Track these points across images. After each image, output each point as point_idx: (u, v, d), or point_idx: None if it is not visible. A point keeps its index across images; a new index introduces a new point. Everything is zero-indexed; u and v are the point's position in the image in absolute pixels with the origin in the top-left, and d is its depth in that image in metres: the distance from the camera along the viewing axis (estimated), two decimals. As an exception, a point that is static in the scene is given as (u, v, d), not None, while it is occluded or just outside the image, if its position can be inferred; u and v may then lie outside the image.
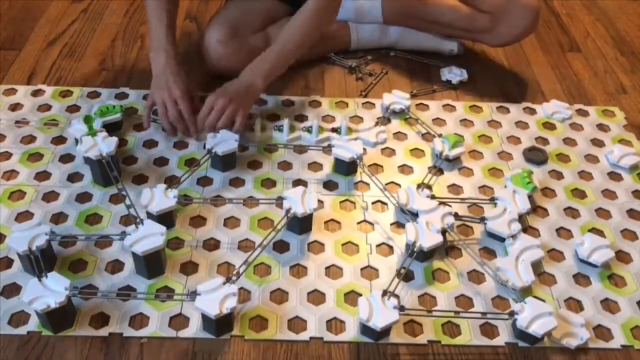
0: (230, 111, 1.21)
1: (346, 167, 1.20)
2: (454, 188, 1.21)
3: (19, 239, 0.95)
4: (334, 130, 1.30)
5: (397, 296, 0.97)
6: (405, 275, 1.02)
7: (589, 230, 1.12)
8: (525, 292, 1.01)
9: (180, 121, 1.24)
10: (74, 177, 1.17)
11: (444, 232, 1.06)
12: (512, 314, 0.94)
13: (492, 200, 1.14)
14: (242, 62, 1.33)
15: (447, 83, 1.49)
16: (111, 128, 1.24)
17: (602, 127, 1.39)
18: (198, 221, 1.10)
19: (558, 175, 1.25)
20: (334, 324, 0.96)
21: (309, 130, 1.29)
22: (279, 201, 1.08)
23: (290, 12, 1.47)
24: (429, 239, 1.02)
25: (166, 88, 1.22)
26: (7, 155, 1.21)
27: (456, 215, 1.09)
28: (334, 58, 1.54)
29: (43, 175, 1.17)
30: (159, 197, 1.06)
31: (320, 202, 1.14)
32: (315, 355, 0.92)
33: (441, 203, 1.11)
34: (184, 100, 1.22)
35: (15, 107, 1.33)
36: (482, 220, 1.10)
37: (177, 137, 1.27)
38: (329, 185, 1.20)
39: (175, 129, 1.25)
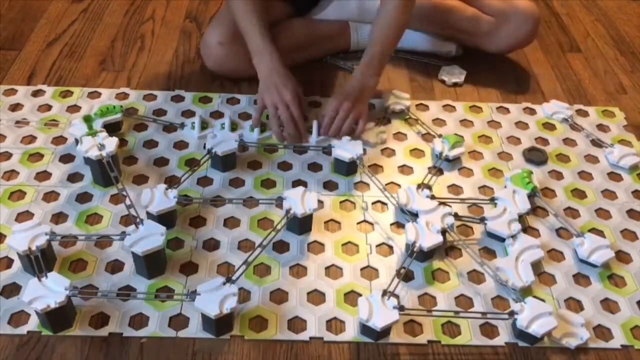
0: (355, 114, 1.24)
1: (346, 168, 1.20)
2: (454, 188, 1.21)
3: (19, 239, 0.95)
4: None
5: (397, 296, 0.97)
6: (405, 275, 1.02)
7: (589, 231, 1.12)
8: (525, 292, 1.01)
9: (291, 124, 1.24)
10: (74, 177, 1.17)
11: (444, 232, 1.06)
12: (512, 314, 0.94)
13: (492, 201, 1.14)
14: (243, 63, 1.34)
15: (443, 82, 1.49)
16: (111, 128, 1.24)
17: (602, 127, 1.39)
18: (198, 221, 1.10)
19: (558, 176, 1.25)
20: (334, 324, 0.96)
21: (308, 130, 1.29)
22: (279, 201, 1.08)
23: (293, 13, 1.47)
24: (429, 239, 1.02)
25: (276, 91, 1.23)
26: (7, 156, 1.21)
27: (456, 216, 1.10)
28: (332, 60, 1.54)
29: (43, 176, 1.17)
30: (159, 198, 1.06)
31: (320, 202, 1.14)
32: (315, 355, 0.92)
33: (441, 203, 1.11)
34: (295, 103, 1.23)
35: (15, 107, 1.33)
36: (482, 220, 1.10)
37: (287, 141, 1.26)
38: (329, 185, 1.20)
39: (283, 132, 1.26)
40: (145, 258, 0.96)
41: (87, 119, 1.19)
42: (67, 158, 1.21)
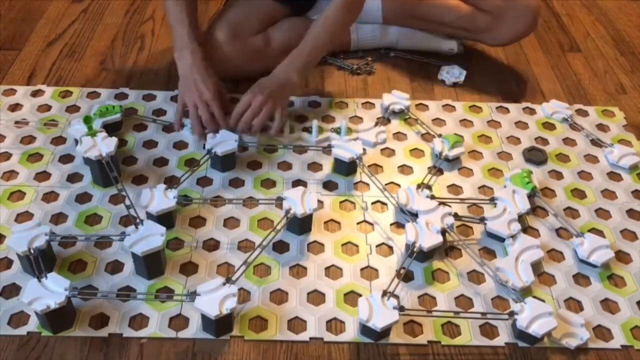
0: (268, 108, 1.21)
1: (346, 168, 1.20)
2: (454, 188, 1.21)
3: (19, 240, 0.95)
4: (334, 130, 1.30)
5: (397, 296, 0.97)
6: (405, 276, 1.02)
7: (589, 231, 1.12)
8: (525, 292, 1.01)
9: (212, 123, 1.22)
10: (73, 178, 1.17)
11: (443, 232, 1.06)
12: (512, 314, 0.94)
13: (492, 201, 1.14)
14: (242, 64, 1.34)
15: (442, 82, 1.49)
16: (111, 128, 1.24)
17: (602, 127, 1.39)
18: (198, 221, 1.10)
19: (558, 176, 1.25)
20: (334, 325, 0.96)
21: (308, 130, 1.29)
22: (279, 201, 1.08)
23: (291, 13, 1.47)
24: (429, 239, 1.02)
25: (196, 89, 1.21)
26: (6, 156, 1.21)
27: (456, 216, 1.09)
28: (332, 60, 1.54)
29: (43, 176, 1.17)
30: (159, 198, 1.06)
31: (320, 202, 1.14)
32: (315, 356, 0.92)
33: (441, 203, 1.11)
34: (216, 102, 1.21)
35: (15, 107, 1.33)
36: (482, 220, 1.10)
37: (209, 140, 1.23)
38: (329, 185, 1.20)
39: (204, 130, 1.24)
40: (145, 258, 0.96)
41: (87, 119, 1.19)
42: (66, 158, 1.21)
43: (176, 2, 1.26)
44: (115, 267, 1.02)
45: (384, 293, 0.93)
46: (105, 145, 1.13)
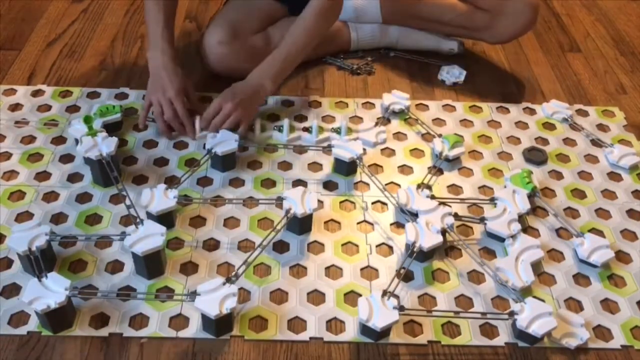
0: (236, 115, 1.22)
1: (346, 167, 1.20)
2: (454, 188, 1.21)
3: (19, 239, 0.95)
4: (334, 130, 1.30)
5: (397, 296, 0.97)
6: (405, 276, 1.02)
7: (589, 231, 1.12)
8: (525, 292, 1.01)
9: (175, 121, 1.24)
10: (74, 178, 1.17)
11: (443, 232, 1.06)
12: (512, 314, 0.94)
13: (492, 201, 1.14)
14: (242, 63, 1.34)
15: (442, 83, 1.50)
16: (111, 128, 1.24)
17: (602, 127, 1.39)
18: (198, 221, 1.10)
19: (558, 176, 1.25)
20: (334, 324, 0.96)
21: (308, 130, 1.29)
22: (279, 201, 1.08)
23: (290, 13, 1.47)
24: (429, 239, 1.02)
25: (161, 88, 1.23)
26: (7, 156, 1.21)
27: (456, 216, 1.09)
28: (331, 60, 1.54)
29: (43, 176, 1.17)
30: (159, 198, 1.06)
31: (320, 202, 1.14)
32: (315, 356, 0.92)
33: (441, 203, 1.11)
34: (179, 100, 1.22)
35: (15, 107, 1.33)
36: (482, 220, 1.10)
37: (173, 138, 1.27)
38: (329, 185, 1.20)
39: (170, 129, 1.26)
40: (145, 258, 0.96)
41: (87, 119, 1.19)
42: (66, 158, 1.21)
43: (155, 2, 1.26)
44: (115, 267, 1.02)
45: (384, 293, 0.93)
46: (106, 145, 1.13)
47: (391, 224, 1.12)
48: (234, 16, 1.39)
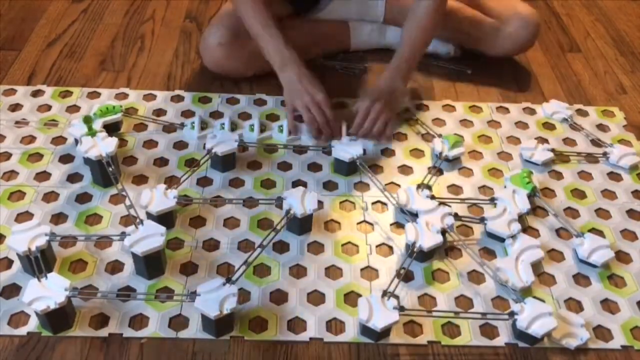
0: (384, 117, 1.24)
1: (346, 168, 1.20)
2: (454, 188, 1.21)
3: (19, 240, 0.95)
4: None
5: (397, 296, 0.97)
6: (405, 276, 1.02)
7: (589, 231, 1.12)
8: (525, 292, 1.01)
9: (327, 125, 1.24)
10: (73, 178, 1.17)
11: (443, 232, 1.06)
12: (512, 314, 0.94)
13: (492, 201, 1.14)
14: (242, 64, 1.34)
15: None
16: (111, 128, 1.24)
17: (602, 127, 1.39)
18: (198, 221, 1.10)
19: (558, 176, 1.25)
20: (334, 325, 0.96)
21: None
22: (279, 202, 1.08)
23: (292, 13, 1.47)
24: (429, 239, 1.02)
25: (307, 93, 1.22)
26: (7, 156, 1.21)
27: (456, 216, 1.09)
28: (330, 63, 1.54)
29: (43, 176, 1.17)
30: (159, 198, 1.06)
31: (320, 202, 1.13)
32: (315, 356, 0.92)
33: (441, 203, 1.11)
34: (328, 104, 1.23)
35: (15, 107, 1.33)
36: (482, 220, 1.10)
37: (324, 141, 1.25)
38: (329, 185, 1.20)
39: (320, 132, 1.25)
40: (145, 258, 0.96)
41: (87, 119, 1.19)
42: (66, 158, 1.21)
43: (256, 6, 1.24)
44: (115, 267, 1.02)
45: (384, 293, 0.93)
46: (106, 145, 1.13)
47: (391, 224, 1.12)
48: (234, 17, 1.39)
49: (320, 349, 0.93)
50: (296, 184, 1.19)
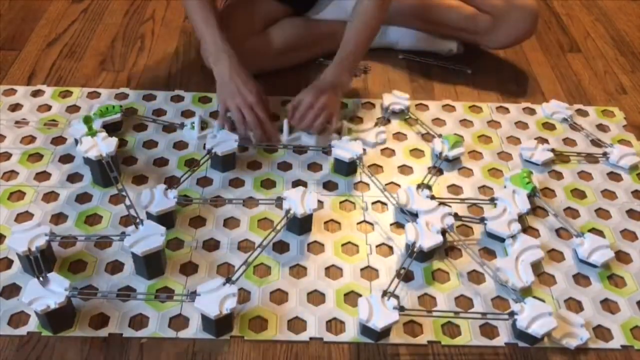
0: (328, 111, 1.23)
1: (346, 168, 1.20)
2: (454, 188, 1.21)
3: (19, 240, 0.95)
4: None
5: (397, 296, 0.97)
6: (405, 276, 1.02)
7: (589, 231, 1.12)
8: (525, 292, 1.01)
9: (259, 127, 1.22)
10: (73, 178, 1.17)
11: (443, 232, 1.06)
12: (512, 314, 0.94)
13: (492, 201, 1.14)
14: (243, 63, 1.33)
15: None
16: (111, 128, 1.24)
17: (601, 127, 1.39)
18: (198, 222, 1.10)
19: (558, 176, 1.25)
20: (334, 325, 0.96)
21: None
22: (279, 202, 1.08)
23: (290, 14, 1.47)
24: (429, 239, 1.02)
25: (239, 94, 1.21)
26: (7, 156, 1.21)
27: (456, 216, 1.09)
28: (328, 62, 1.53)
29: (43, 176, 1.17)
30: (159, 198, 1.06)
31: (320, 202, 1.13)
32: (315, 356, 0.92)
33: (441, 203, 1.11)
34: (260, 106, 1.21)
35: (15, 107, 1.33)
36: (482, 220, 1.10)
37: (255, 145, 1.24)
38: (329, 185, 1.20)
39: (247, 135, 1.24)
40: (145, 258, 0.96)
41: (87, 119, 1.19)
42: (66, 158, 1.21)
43: (200, 4, 1.24)
44: (115, 267, 1.02)
45: (384, 293, 0.93)
46: (106, 145, 1.12)
47: (391, 224, 1.12)
48: (233, 16, 1.39)
49: (320, 349, 0.93)
50: (296, 184, 1.19)
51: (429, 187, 1.17)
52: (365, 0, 1.27)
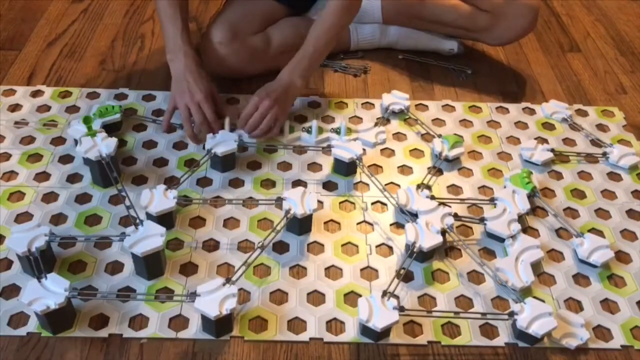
0: (273, 113, 1.23)
1: (346, 168, 1.20)
2: (454, 188, 1.21)
3: (19, 240, 0.95)
4: (334, 130, 1.30)
5: (396, 297, 0.97)
6: (405, 276, 1.02)
7: (589, 231, 1.12)
8: (525, 292, 1.01)
9: (205, 125, 1.22)
10: (73, 178, 1.17)
11: (443, 232, 1.05)
12: (511, 314, 0.94)
13: (492, 201, 1.14)
14: (242, 64, 1.34)
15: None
16: (110, 129, 1.24)
17: (601, 127, 1.39)
18: (198, 222, 1.10)
19: (558, 176, 1.25)
20: (334, 325, 0.96)
21: (308, 130, 1.29)
22: (279, 202, 1.08)
23: (290, 13, 1.47)
24: (429, 240, 1.02)
25: (188, 91, 1.21)
26: (6, 156, 1.21)
27: (456, 216, 1.09)
28: (327, 62, 1.53)
29: (42, 176, 1.17)
30: (159, 198, 1.06)
31: (319, 202, 1.14)
32: (315, 356, 0.92)
33: (441, 203, 1.11)
34: (208, 104, 1.21)
35: (14, 107, 1.33)
36: (482, 220, 1.10)
37: (200, 142, 1.24)
38: (329, 185, 1.20)
39: (196, 134, 1.24)
40: (145, 259, 0.96)
41: (86, 120, 1.19)
42: (66, 159, 1.21)
43: (169, 2, 1.25)
44: (115, 267, 1.02)
45: (384, 293, 0.93)
46: (105, 145, 1.13)
47: (391, 224, 1.12)
48: (233, 17, 1.39)
49: (320, 349, 0.93)
50: (296, 184, 1.19)
51: (429, 187, 1.17)
52: (330, 3, 1.27)
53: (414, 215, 1.09)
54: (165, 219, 1.05)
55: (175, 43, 1.24)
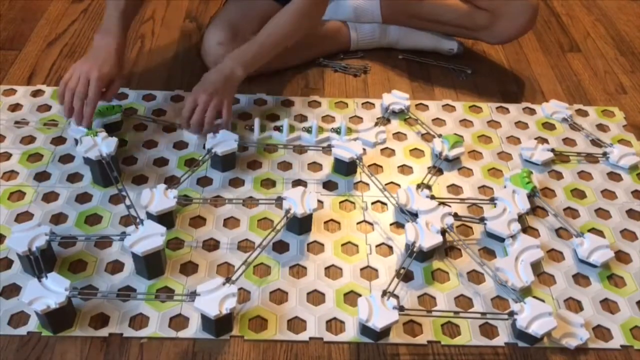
0: (214, 106, 1.20)
1: (346, 168, 1.20)
2: (454, 188, 1.21)
3: (19, 240, 0.95)
4: (334, 130, 1.30)
5: (396, 296, 0.97)
6: (405, 276, 1.02)
7: (589, 231, 1.12)
8: (525, 292, 1.01)
9: (79, 100, 1.14)
10: (73, 178, 1.17)
11: (443, 232, 1.06)
12: (511, 314, 0.94)
13: (492, 201, 1.14)
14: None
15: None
16: (111, 128, 1.24)
17: (601, 127, 1.39)
18: (198, 221, 1.10)
19: (558, 176, 1.25)
20: (334, 324, 0.96)
21: (308, 130, 1.29)
22: (279, 201, 1.08)
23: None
24: (429, 239, 1.02)
25: (89, 63, 1.15)
26: (6, 156, 1.21)
27: (456, 216, 1.09)
28: (327, 62, 1.53)
29: (43, 176, 1.17)
30: (159, 198, 1.06)
31: (319, 202, 1.14)
32: (315, 356, 0.92)
33: (441, 203, 1.11)
34: (97, 85, 1.14)
35: (15, 107, 1.33)
36: (482, 220, 1.10)
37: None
38: (329, 185, 1.20)
39: (71, 107, 1.16)
40: (145, 258, 0.96)
41: (87, 119, 1.19)
42: (66, 158, 1.21)
43: None
44: (115, 267, 1.02)
45: (384, 293, 0.93)
46: (105, 145, 1.13)
47: (391, 224, 1.12)
48: (233, 17, 1.39)
49: (320, 349, 0.93)
50: (296, 183, 1.19)
51: (429, 187, 1.17)
52: (294, 5, 1.25)
53: (414, 215, 1.09)
54: (166, 219, 1.05)
55: (110, 24, 1.20)
